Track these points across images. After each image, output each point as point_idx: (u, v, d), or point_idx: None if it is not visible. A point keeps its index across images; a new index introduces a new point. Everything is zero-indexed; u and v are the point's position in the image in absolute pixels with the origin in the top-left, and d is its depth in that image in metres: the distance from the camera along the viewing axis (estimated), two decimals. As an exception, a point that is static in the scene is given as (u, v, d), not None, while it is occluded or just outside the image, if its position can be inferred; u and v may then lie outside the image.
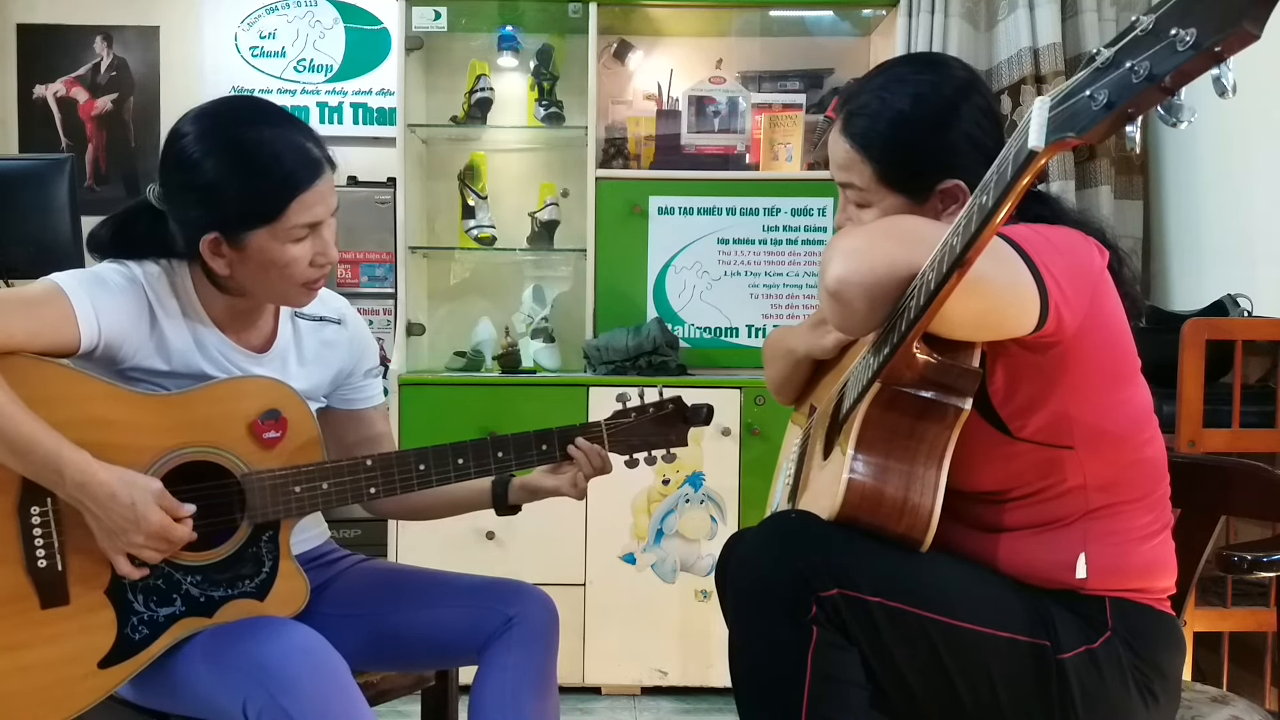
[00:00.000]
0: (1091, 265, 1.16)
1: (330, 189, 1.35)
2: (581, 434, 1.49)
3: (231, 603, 1.35)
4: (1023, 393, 1.17)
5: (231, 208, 1.30)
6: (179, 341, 1.36)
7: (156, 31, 3.47)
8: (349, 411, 1.58)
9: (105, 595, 1.28)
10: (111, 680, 1.29)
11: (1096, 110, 0.76)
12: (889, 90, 1.27)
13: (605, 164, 2.97)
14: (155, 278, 1.36)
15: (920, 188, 1.26)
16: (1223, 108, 0.72)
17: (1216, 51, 0.68)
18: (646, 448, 1.54)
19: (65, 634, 1.26)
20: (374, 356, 1.60)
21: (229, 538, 1.35)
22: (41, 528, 1.25)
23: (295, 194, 1.30)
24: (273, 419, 1.36)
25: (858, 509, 1.14)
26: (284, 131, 1.33)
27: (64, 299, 1.26)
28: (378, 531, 2.81)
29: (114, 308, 1.30)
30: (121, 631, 1.29)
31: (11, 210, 2.39)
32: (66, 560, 1.26)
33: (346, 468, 1.39)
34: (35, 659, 1.25)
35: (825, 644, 1.11)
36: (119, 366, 1.32)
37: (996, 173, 0.88)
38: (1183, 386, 2.02)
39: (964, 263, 0.94)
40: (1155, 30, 0.72)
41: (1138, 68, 0.72)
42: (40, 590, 1.25)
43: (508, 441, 1.45)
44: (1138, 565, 1.22)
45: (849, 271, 1.06)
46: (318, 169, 1.33)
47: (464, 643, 1.45)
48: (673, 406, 1.53)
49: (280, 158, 1.30)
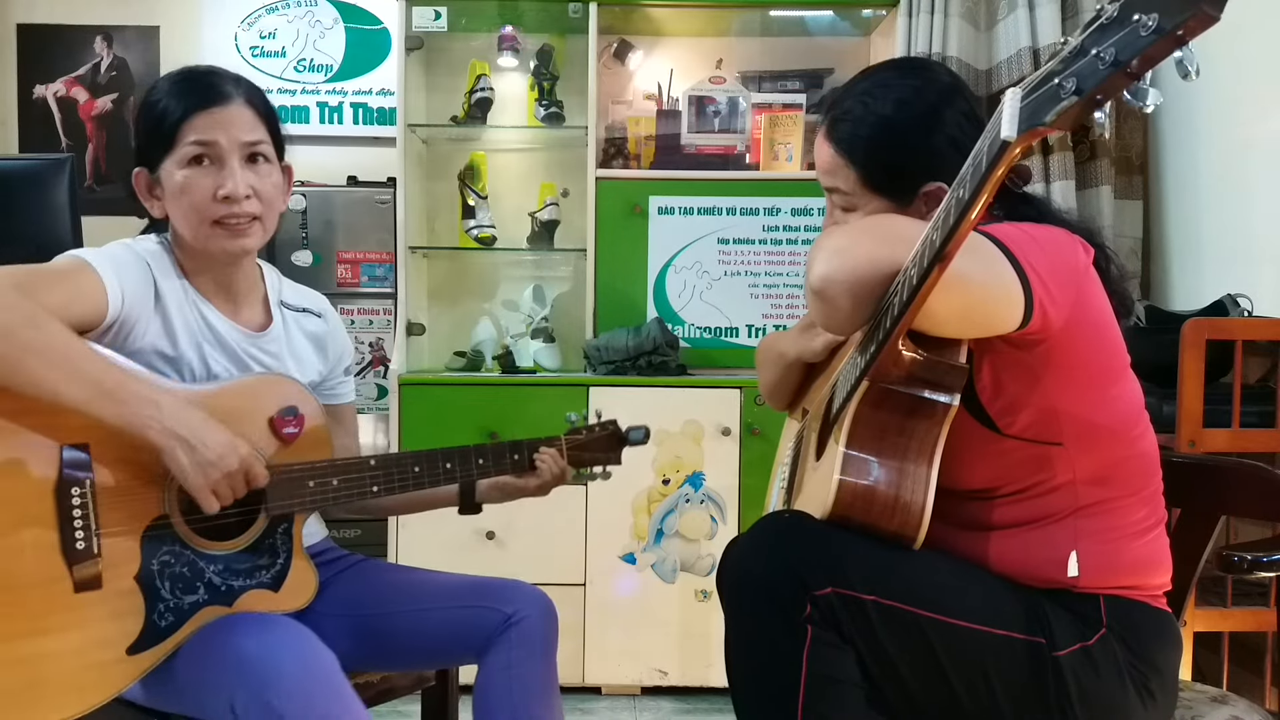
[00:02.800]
0: (1076, 262, 1.17)
1: (239, 122, 1.38)
2: (546, 444, 1.61)
3: (250, 592, 1.36)
4: (1010, 389, 1.17)
5: (142, 134, 1.39)
6: (180, 319, 1.39)
7: (156, 31, 3.47)
8: (327, 408, 1.58)
9: (135, 581, 1.28)
10: (139, 667, 1.28)
11: (1065, 97, 0.78)
12: (872, 95, 1.28)
13: (605, 164, 2.97)
14: (155, 255, 1.39)
15: (904, 191, 1.27)
16: (1223, 108, 0.73)
17: (1179, 35, 0.71)
18: (593, 464, 1.68)
19: (96, 618, 1.25)
20: (350, 355, 1.65)
21: (248, 528, 1.37)
22: (80, 509, 1.24)
23: (189, 113, 1.36)
24: (292, 415, 1.40)
25: (850, 507, 1.15)
26: (211, 75, 1.41)
27: (91, 270, 1.29)
28: (378, 531, 2.81)
29: (131, 283, 1.33)
30: (149, 618, 1.29)
31: (11, 210, 2.39)
32: (102, 544, 1.26)
33: (354, 465, 1.44)
34: (66, 644, 1.24)
35: (820, 643, 1.11)
36: (129, 347, 1.34)
37: (972, 165, 0.90)
38: (1183, 386, 2.02)
39: (944, 257, 0.95)
40: (1120, 17, 0.74)
41: (1104, 54, 0.75)
42: (75, 573, 1.24)
43: (487, 450, 1.56)
44: (1130, 562, 1.22)
45: (833, 270, 1.08)
46: (221, 97, 1.37)
47: (462, 643, 1.46)
48: (611, 429, 1.68)
49: (188, 87, 1.38)
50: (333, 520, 2.55)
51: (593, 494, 2.70)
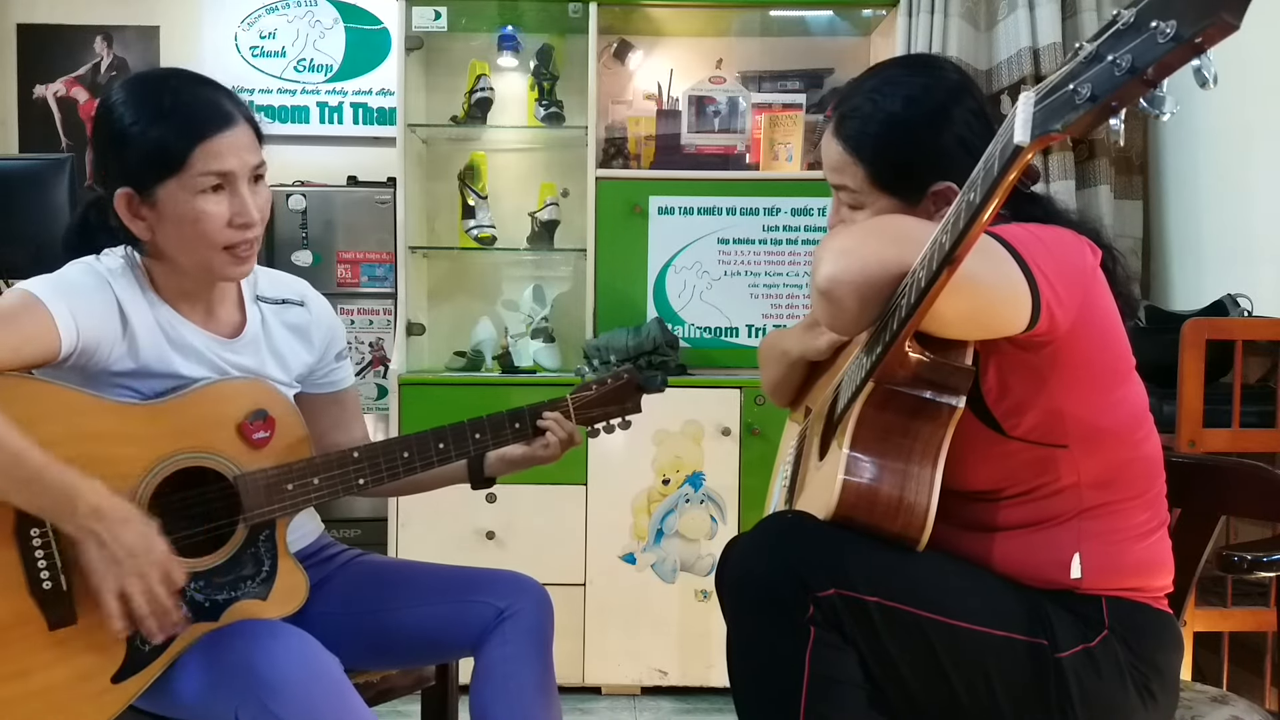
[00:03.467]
0: (1084, 264, 1.17)
1: (246, 145, 1.32)
2: (549, 409, 1.55)
3: (236, 604, 1.34)
4: (1016, 391, 1.17)
5: (136, 157, 1.28)
6: (148, 337, 1.33)
7: (156, 31, 3.48)
8: (321, 396, 1.57)
9: None
10: (126, 694, 1.28)
11: (1080, 104, 0.77)
12: (881, 92, 1.27)
13: (605, 164, 2.97)
14: (118, 273, 1.33)
15: (913, 189, 1.26)
16: (1223, 108, 0.73)
17: (1197, 43, 0.70)
18: (606, 418, 1.61)
19: (76, 653, 1.24)
20: (342, 339, 1.59)
21: (227, 541, 1.35)
22: (43, 549, 1.23)
23: (199, 139, 1.27)
24: (260, 419, 1.36)
25: (854, 509, 1.15)
26: (197, 86, 1.33)
27: (41, 307, 1.23)
28: (377, 531, 2.81)
29: (88, 311, 1.27)
30: (131, 645, 1.27)
31: (11, 210, 2.39)
32: (70, 579, 1.24)
33: (335, 461, 1.40)
34: (48, 681, 1.23)
35: (822, 644, 1.11)
36: (91, 370, 1.30)
37: (983, 169, 0.89)
38: (1183, 386, 2.02)
39: (954, 260, 0.94)
40: (1137, 23, 0.73)
41: (1120, 60, 0.74)
42: (46, 612, 1.23)
43: (484, 423, 1.51)
44: (1133, 563, 1.22)
45: (840, 270, 1.07)
46: (228, 119, 1.30)
47: (457, 638, 1.46)
48: (627, 376, 1.62)
49: (187, 105, 1.29)
50: (332, 520, 2.54)
51: (592, 494, 2.70)
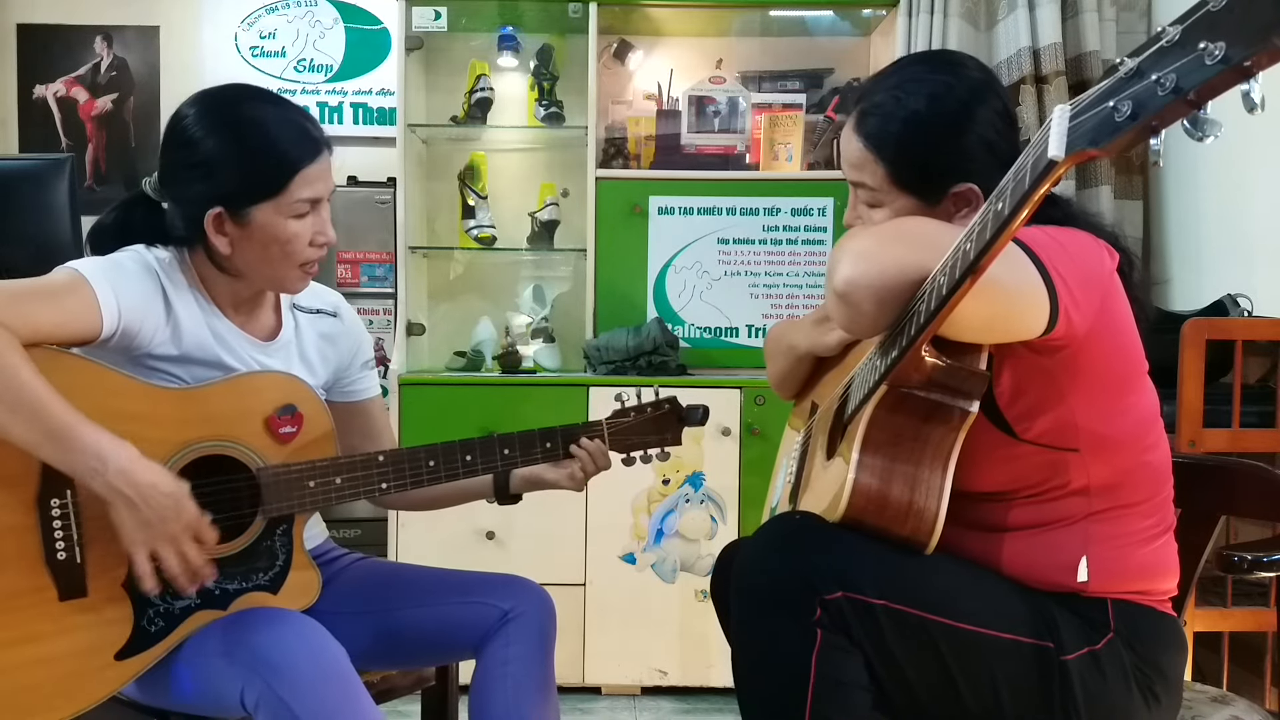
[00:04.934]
0: (1102, 268, 1.15)
1: (329, 169, 1.41)
2: (584, 433, 1.53)
3: (245, 595, 1.36)
4: (1029, 395, 1.16)
5: (236, 181, 1.34)
6: (192, 325, 1.37)
7: (156, 31, 3.47)
8: (347, 404, 1.59)
9: (123, 588, 1.28)
10: (127, 672, 1.29)
11: (1120, 122, 0.74)
12: (904, 90, 1.24)
13: (605, 164, 2.97)
14: (167, 263, 1.38)
15: (933, 190, 1.24)
16: (1223, 107, 0.72)
17: (1246, 67, 0.67)
18: (643, 446, 1.58)
19: (83, 625, 1.26)
20: (369, 349, 1.62)
21: (244, 531, 1.36)
22: (61, 520, 1.25)
23: (298, 168, 1.36)
24: (289, 414, 1.38)
25: (863, 511, 1.14)
26: (284, 111, 1.40)
27: (86, 286, 1.27)
28: (378, 531, 2.81)
29: (132, 293, 1.31)
30: (138, 624, 1.29)
31: (11, 210, 2.39)
32: (85, 552, 1.26)
33: (360, 463, 1.41)
34: (53, 650, 1.25)
35: (829, 647, 1.11)
36: (134, 353, 1.33)
37: (1014, 180, 0.87)
38: (1183, 386, 2.02)
39: (978, 269, 0.93)
40: (1182, 42, 0.70)
41: (1164, 80, 0.70)
42: (59, 582, 1.25)
43: (514, 439, 1.49)
44: (1139, 567, 1.22)
45: (859, 274, 1.06)
46: (317, 147, 1.39)
47: (460, 639, 1.47)
48: (669, 406, 1.57)
49: (283, 134, 1.36)
50: (332, 520, 2.55)
51: (593, 494, 2.70)
